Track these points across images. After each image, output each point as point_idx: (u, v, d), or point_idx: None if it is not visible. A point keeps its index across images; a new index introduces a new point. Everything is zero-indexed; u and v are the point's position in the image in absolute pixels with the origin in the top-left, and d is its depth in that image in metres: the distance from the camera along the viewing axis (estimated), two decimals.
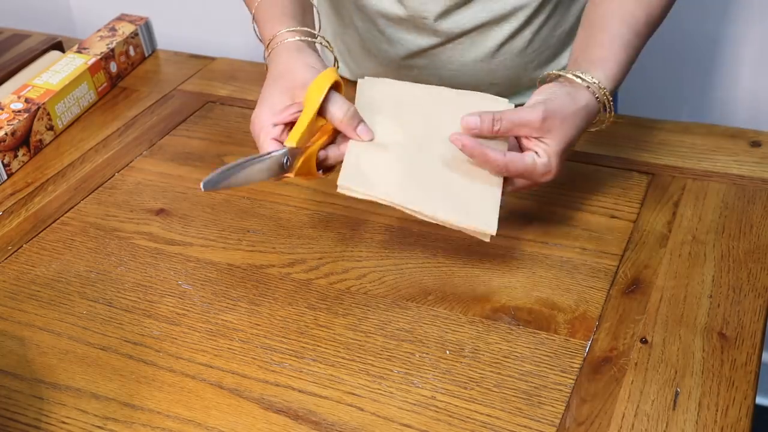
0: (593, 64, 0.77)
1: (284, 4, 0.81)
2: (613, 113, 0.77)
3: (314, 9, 0.85)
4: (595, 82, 0.75)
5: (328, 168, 0.75)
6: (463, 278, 0.75)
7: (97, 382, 0.67)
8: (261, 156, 0.70)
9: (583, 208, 0.82)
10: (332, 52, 0.83)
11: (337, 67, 0.80)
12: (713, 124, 0.94)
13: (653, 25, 0.82)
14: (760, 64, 1.31)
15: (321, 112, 0.72)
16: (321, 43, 0.80)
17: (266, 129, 0.73)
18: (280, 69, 0.76)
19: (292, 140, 0.71)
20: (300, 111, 0.72)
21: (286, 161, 0.71)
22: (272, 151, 0.71)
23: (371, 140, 0.74)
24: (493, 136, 0.72)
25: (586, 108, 0.74)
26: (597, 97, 0.75)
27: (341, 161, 0.73)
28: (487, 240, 0.71)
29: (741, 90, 1.34)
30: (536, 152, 0.72)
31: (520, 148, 0.74)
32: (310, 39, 0.79)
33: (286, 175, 0.72)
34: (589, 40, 0.79)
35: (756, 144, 0.90)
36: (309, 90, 0.72)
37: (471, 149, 0.70)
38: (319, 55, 0.78)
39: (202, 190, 0.67)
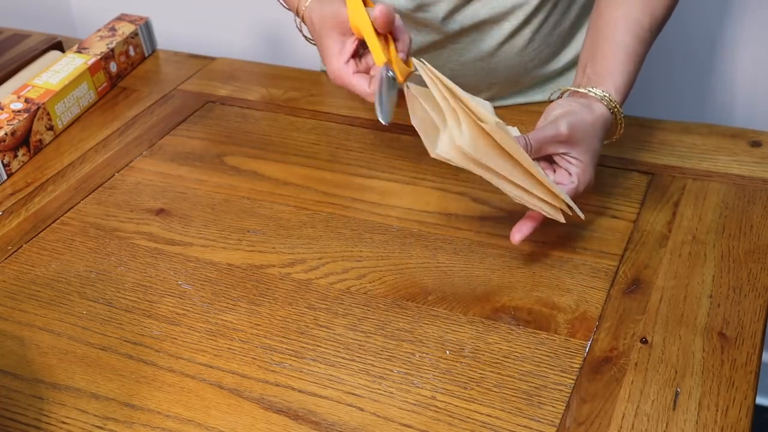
0: (602, 78, 0.78)
1: None
2: (622, 125, 0.79)
3: None
4: (606, 96, 0.77)
5: (409, 63, 0.80)
6: (463, 278, 0.75)
7: (97, 382, 0.67)
8: (379, 82, 0.76)
9: (583, 208, 0.82)
10: None
11: None
12: (713, 124, 0.94)
13: (657, 30, 0.83)
14: (761, 64, 1.31)
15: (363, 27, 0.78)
16: None
17: (344, 72, 0.79)
18: (318, 24, 0.81)
19: (380, 58, 0.77)
20: (356, 39, 0.79)
21: (392, 74, 0.77)
22: (380, 73, 0.76)
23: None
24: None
25: (603, 117, 0.76)
26: (610, 109, 0.77)
27: (409, 50, 0.79)
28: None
29: (741, 90, 1.34)
30: (569, 172, 0.74)
31: (551, 166, 0.76)
32: None
33: (402, 84, 0.77)
34: (596, 51, 0.81)
35: (756, 144, 0.90)
36: (351, 18, 0.78)
37: None
38: None
39: (385, 123, 0.75)
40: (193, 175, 0.92)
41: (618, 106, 0.77)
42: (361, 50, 0.81)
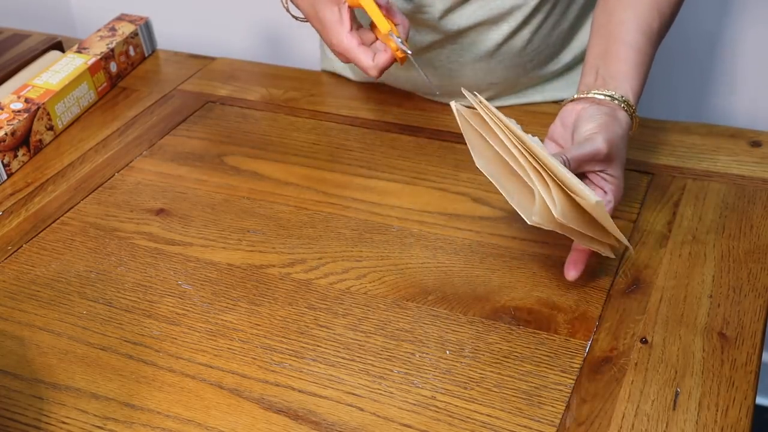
0: (618, 81, 0.77)
1: None
2: (637, 127, 0.78)
3: None
4: (626, 100, 0.76)
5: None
6: (463, 278, 0.75)
7: (97, 382, 0.67)
8: (403, 47, 0.78)
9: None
10: None
11: None
12: (713, 124, 0.94)
13: (665, 31, 0.82)
14: (761, 64, 1.31)
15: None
16: None
17: (349, 43, 0.79)
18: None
19: (385, 26, 0.78)
20: (348, 5, 0.79)
21: (399, 41, 0.78)
22: (396, 41, 0.78)
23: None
24: None
25: (628, 125, 0.75)
26: (629, 115, 0.76)
27: (407, 31, 0.81)
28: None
29: (741, 90, 1.34)
30: (604, 190, 0.73)
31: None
32: None
33: (407, 52, 0.79)
34: (608, 53, 0.79)
35: (756, 144, 0.90)
36: None
37: None
38: None
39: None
40: (193, 175, 0.92)
41: (635, 110, 0.76)
42: (356, 23, 0.81)
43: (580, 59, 1.00)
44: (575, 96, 0.78)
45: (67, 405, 0.65)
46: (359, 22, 0.82)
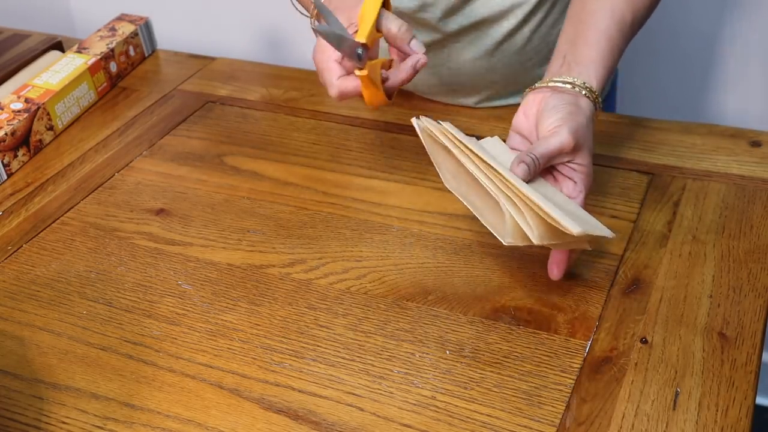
0: (583, 66, 0.77)
1: None
2: (599, 113, 0.78)
3: None
4: (587, 87, 0.76)
5: (389, 91, 0.79)
6: (463, 278, 0.75)
7: (97, 382, 0.67)
8: (348, 35, 0.75)
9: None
10: None
11: None
12: (713, 124, 0.94)
13: (637, 28, 0.82)
14: (761, 64, 1.31)
15: (378, 28, 0.77)
16: None
17: (327, 55, 0.79)
18: (334, 4, 0.81)
19: (361, 36, 0.75)
20: (356, 30, 0.77)
21: (361, 52, 0.75)
22: (351, 36, 0.75)
23: (424, 53, 0.77)
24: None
25: (591, 113, 0.75)
26: (592, 101, 0.76)
27: (399, 86, 0.78)
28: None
29: (741, 90, 1.34)
30: (573, 180, 0.73)
31: (551, 176, 0.74)
32: None
33: (358, 70, 0.76)
34: (577, 37, 0.79)
35: (756, 144, 0.90)
36: (363, 8, 0.77)
37: None
38: None
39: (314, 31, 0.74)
40: (193, 175, 0.92)
41: (598, 97, 0.76)
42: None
43: None
44: (536, 84, 0.78)
45: (67, 405, 0.65)
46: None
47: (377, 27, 0.77)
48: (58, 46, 1.17)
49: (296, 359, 0.68)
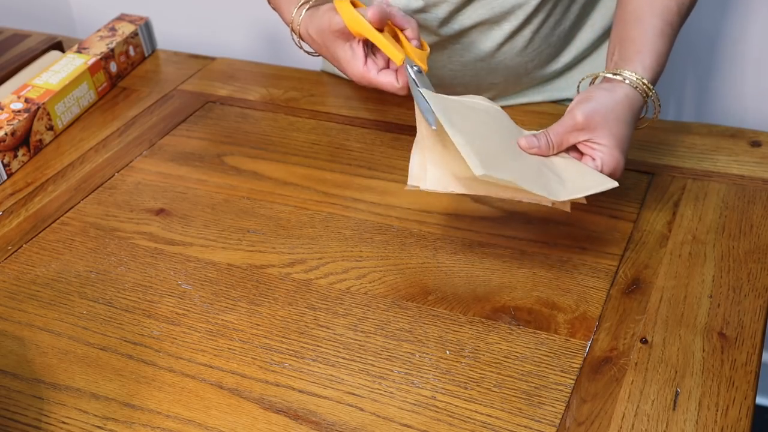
0: (629, 61, 0.78)
1: None
2: (659, 105, 0.78)
3: None
4: (631, 76, 0.76)
5: (422, 45, 0.81)
6: (463, 278, 0.75)
7: (97, 382, 0.67)
8: (411, 83, 0.77)
9: (583, 208, 0.82)
10: None
11: None
12: (713, 124, 0.94)
13: (685, 15, 0.83)
14: (761, 64, 1.30)
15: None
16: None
17: (368, 75, 0.80)
18: (316, 37, 0.83)
19: (398, 57, 0.77)
20: (359, 40, 0.80)
21: (417, 68, 0.78)
22: (407, 71, 0.78)
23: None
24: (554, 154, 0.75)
25: (627, 99, 0.76)
26: (636, 88, 0.76)
27: (417, 31, 0.80)
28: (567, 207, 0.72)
29: (741, 90, 1.34)
30: (592, 158, 0.74)
31: (578, 154, 0.76)
32: (314, 4, 0.85)
33: (425, 70, 0.79)
34: (623, 39, 0.80)
35: (756, 144, 0.90)
36: (347, 24, 0.78)
37: None
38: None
39: (434, 128, 0.72)
40: (193, 175, 0.92)
41: (647, 83, 0.76)
42: (369, 48, 0.82)
43: (580, 59, 1.00)
44: (587, 76, 0.80)
45: (67, 405, 0.65)
46: (370, 48, 0.82)
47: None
48: (58, 46, 1.17)
49: (296, 359, 0.68)
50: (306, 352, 0.68)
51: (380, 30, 0.79)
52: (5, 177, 0.94)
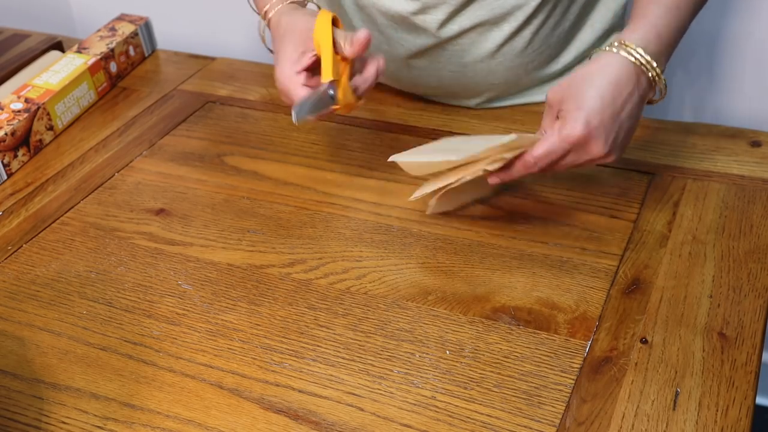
0: (632, 31, 0.75)
1: None
2: (662, 76, 0.75)
3: None
4: (617, 44, 0.74)
5: (360, 97, 0.82)
6: (463, 278, 0.75)
7: (97, 382, 0.67)
8: (316, 91, 0.78)
9: (583, 208, 0.82)
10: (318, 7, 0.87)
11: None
12: (713, 124, 0.94)
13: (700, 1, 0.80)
14: (761, 64, 1.30)
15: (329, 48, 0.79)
16: (312, 1, 0.84)
17: (292, 79, 0.80)
18: (284, 28, 0.82)
19: (328, 75, 0.78)
20: (315, 54, 0.80)
21: (333, 93, 0.78)
22: (321, 86, 0.78)
23: (381, 58, 0.81)
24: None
25: (608, 66, 0.73)
26: (629, 56, 0.74)
27: (369, 86, 0.81)
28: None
29: (741, 90, 1.34)
30: (544, 130, 0.75)
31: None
32: (300, 1, 0.85)
33: (334, 107, 0.79)
34: (636, 13, 0.78)
35: (756, 144, 0.90)
36: (315, 32, 0.79)
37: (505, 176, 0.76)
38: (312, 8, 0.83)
39: (295, 122, 0.76)
40: (193, 175, 0.92)
41: (640, 50, 0.73)
42: (315, 68, 0.81)
43: (580, 59, 1.00)
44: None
45: (67, 405, 0.65)
46: (312, 70, 0.82)
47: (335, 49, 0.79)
48: (58, 46, 1.17)
49: (296, 359, 0.68)
50: (306, 352, 0.68)
51: (346, 60, 0.79)
52: (5, 177, 0.94)
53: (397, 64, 0.98)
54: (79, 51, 1.09)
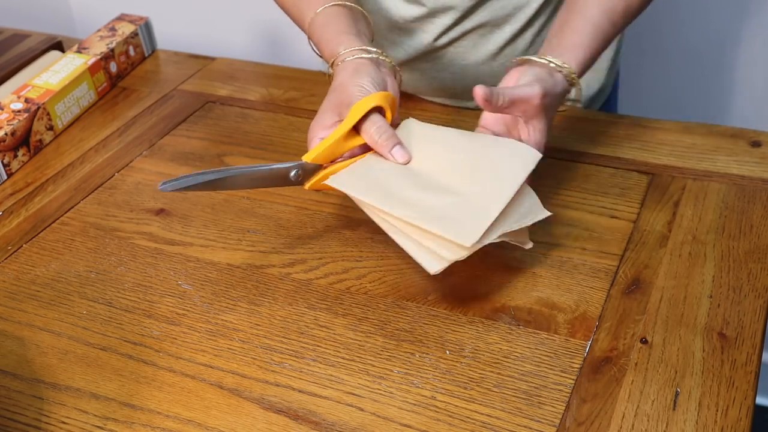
0: (566, 50, 0.79)
1: (339, 21, 0.81)
2: (579, 100, 0.80)
3: (364, 15, 0.84)
4: (566, 66, 0.77)
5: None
6: (463, 278, 0.75)
7: (97, 382, 0.67)
8: (268, 166, 0.73)
9: (583, 208, 0.82)
10: (390, 63, 0.81)
11: (400, 83, 0.81)
12: (713, 124, 0.94)
13: (630, 17, 0.83)
14: (761, 64, 1.31)
15: (360, 131, 0.75)
16: (380, 57, 0.79)
17: (313, 141, 0.76)
18: (336, 84, 0.78)
19: (309, 155, 0.74)
20: (339, 121, 0.76)
21: (296, 174, 0.74)
22: (280, 164, 0.73)
23: (406, 163, 0.75)
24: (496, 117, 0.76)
25: (563, 90, 0.77)
26: (568, 81, 0.78)
27: None
28: (463, 255, 0.67)
29: (741, 90, 1.34)
30: (522, 137, 0.75)
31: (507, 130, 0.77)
32: (368, 56, 0.78)
33: (299, 186, 0.75)
34: (564, 25, 0.81)
35: (756, 144, 0.90)
36: (352, 110, 0.74)
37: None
38: (381, 75, 0.77)
39: (161, 188, 0.70)
40: None
41: (576, 79, 0.78)
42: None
43: None
44: (515, 59, 0.80)
45: (67, 405, 0.65)
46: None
47: (360, 130, 0.74)
48: (58, 46, 1.17)
49: (296, 359, 0.68)
50: (306, 352, 0.68)
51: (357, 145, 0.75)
52: (5, 177, 0.94)
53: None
54: (79, 51, 1.09)
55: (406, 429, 0.61)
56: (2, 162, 0.93)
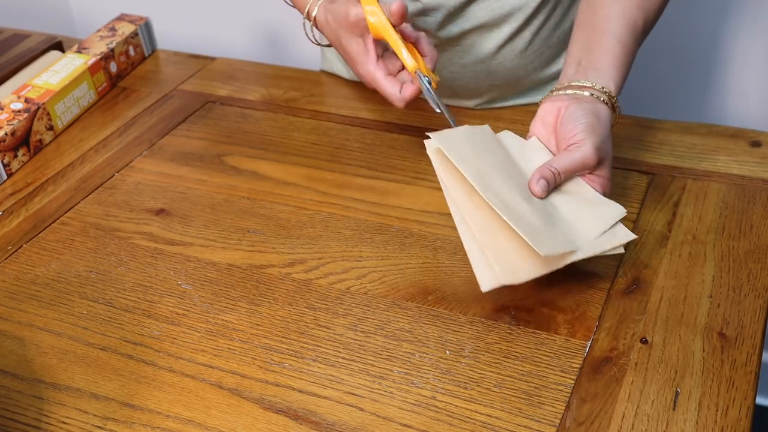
0: (600, 72, 0.77)
1: None
2: (618, 119, 0.79)
3: None
4: (606, 92, 0.76)
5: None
6: (463, 278, 0.75)
7: (97, 382, 0.67)
8: (429, 93, 0.80)
9: None
10: None
11: None
12: (713, 124, 0.94)
13: (647, 31, 0.83)
14: (761, 64, 1.31)
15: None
16: None
17: (377, 75, 0.81)
18: (332, 26, 0.83)
19: (413, 65, 0.80)
20: (374, 38, 0.81)
21: (427, 80, 0.81)
22: (423, 84, 0.80)
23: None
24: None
25: (609, 121, 0.76)
26: (610, 107, 0.76)
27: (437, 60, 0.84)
28: (519, 280, 0.68)
29: (741, 90, 1.34)
30: (593, 187, 0.74)
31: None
32: None
33: (435, 83, 0.81)
34: (592, 44, 0.80)
35: (756, 144, 0.90)
36: (370, 24, 0.80)
37: None
38: None
39: (454, 125, 0.78)
40: (193, 175, 0.92)
41: (616, 102, 0.77)
42: (381, 50, 0.82)
43: None
44: (553, 90, 0.78)
45: (67, 405, 0.65)
46: (384, 49, 0.83)
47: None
48: (58, 46, 1.17)
49: (296, 359, 0.68)
50: (306, 352, 0.68)
51: (396, 26, 0.80)
52: (5, 177, 0.94)
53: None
54: (79, 51, 1.09)
55: (406, 429, 0.61)
56: (2, 162, 0.93)
